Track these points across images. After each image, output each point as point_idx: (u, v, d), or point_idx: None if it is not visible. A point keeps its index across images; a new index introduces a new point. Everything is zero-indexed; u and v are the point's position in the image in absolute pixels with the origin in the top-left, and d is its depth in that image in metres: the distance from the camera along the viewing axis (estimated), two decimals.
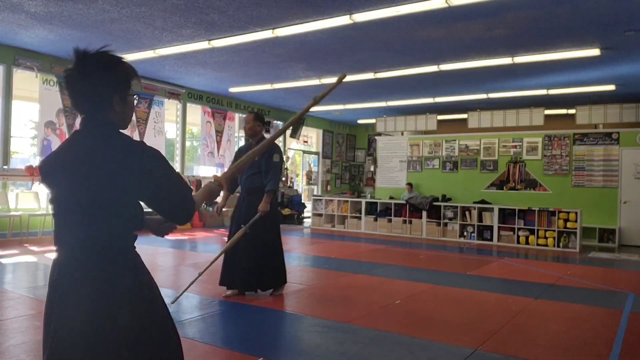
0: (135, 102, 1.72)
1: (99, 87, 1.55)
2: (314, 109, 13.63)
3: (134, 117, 10.19)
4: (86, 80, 1.53)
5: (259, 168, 4.63)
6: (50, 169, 1.55)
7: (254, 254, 4.53)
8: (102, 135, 1.53)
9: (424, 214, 10.64)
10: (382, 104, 12.49)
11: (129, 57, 8.52)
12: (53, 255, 1.54)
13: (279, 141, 14.01)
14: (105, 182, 1.46)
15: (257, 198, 4.56)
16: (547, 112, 11.08)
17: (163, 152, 10.84)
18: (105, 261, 1.48)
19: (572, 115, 11.07)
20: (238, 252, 4.43)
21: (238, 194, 4.93)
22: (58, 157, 1.56)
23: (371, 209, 11.46)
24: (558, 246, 9.06)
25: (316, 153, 15.97)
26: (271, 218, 4.62)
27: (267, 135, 4.90)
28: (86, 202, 1.46)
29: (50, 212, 1.58)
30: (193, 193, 1.63)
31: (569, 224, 9.04)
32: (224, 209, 4.85)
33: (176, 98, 11.17)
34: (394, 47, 7.64)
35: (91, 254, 1.47)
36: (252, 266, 4.54)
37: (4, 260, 6.27)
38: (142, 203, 1.56)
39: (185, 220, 1.59)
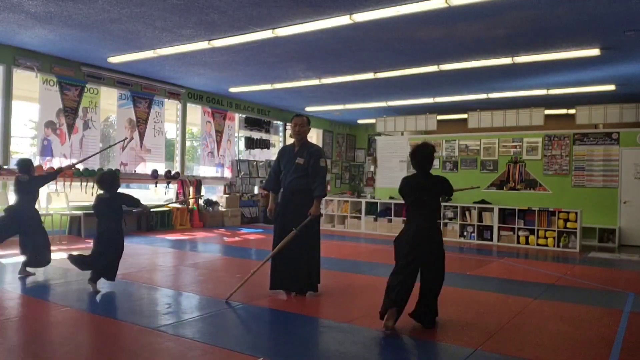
0: None
1: (431, 162, 3.97)
2: (313, 109, 13.64)
3: (134, 117, 10.23)
4: (430, 159, 3.94)
5: (304, 171, 4.73)
6: (415, 187, 3.97)
7: (305, 257, 4.64)
8: (432, 176, 4.00)
9: None
10: (382, 104, 12.49)
11: (129, 57, 8.52)
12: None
13: (279, 141, 14.02)
14: (438, 195, 4.05)
15: (302, 200, 4.70)
16: (547, 112, 11.08)
17: (162, 152, 10.87)
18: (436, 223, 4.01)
19: (572, 115, 11.07)
20: (288, 255, 4.54)
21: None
22: (416, 180, 4.01)
23: (371, 209, 11.46)
24: (558, 246, 9.06)
25: None
26: (317, 223, 4.78)
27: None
28: (433, 202, 3.96)
29: (410, 205, 4.03)
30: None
31: (569, 224, 9.04)
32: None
33: (176, 98, 11.17)
34: (394, 47, 7.64)
35: (434, 224, 3.94)
36: (303, 269, 4.65)
37: (4, 260, 6.27)
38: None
39: None
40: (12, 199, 8.29)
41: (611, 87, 9.83)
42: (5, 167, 8.20)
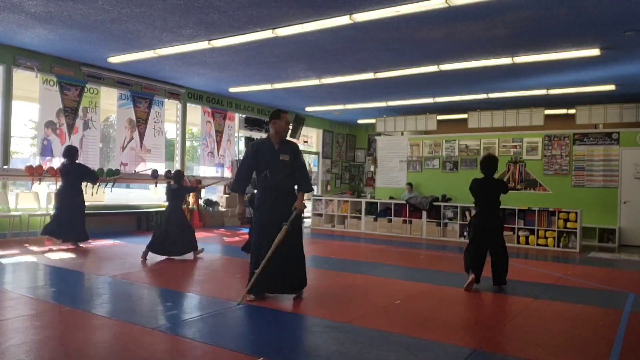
0: None
1: (495, 168, 5.51)
2: (313, 109, 13.64)
3: (134, 117, 10.22)
4: (494, 166, 5.47)
5: (290, 169, 4.62)
6: (482, 186, 5.48)
7: (290, 257, 4.57)
8: (494, 179, 5.56)
9: (424, 214, 10.64)
10: (382, 104, 12.49)
11: (129, 57, 8.53)
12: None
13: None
14: (499, 192, 5.54)
15: (293, 200, 4.65)
16: (547, 112, 11.08)
17: (162, 152, 10.86)
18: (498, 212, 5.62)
19: (572, 115, 11.08)
20: (280, 256, 4.46)
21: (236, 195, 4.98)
22: (482, 181, 5.53)
23: (371, 209, 11.46)
24: (558, 246, 9.06)
25: (316, 153, 15.98)
26: (300, 218, 4.75)
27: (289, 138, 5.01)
28: (495, 198, 5.51)
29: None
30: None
31: (569, 224, 9.04)
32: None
33: (176, 98, 11.17)
34: (394, 47, 7.64)
35: (496, 213, 5.56)
36: (292, 269, 4.58)
37: (4, 260, 6.27)
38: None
39: None
40: (12, 198, 8.36)
41: (611, 87, 9.83)
42: (5, 167, 8.20)
